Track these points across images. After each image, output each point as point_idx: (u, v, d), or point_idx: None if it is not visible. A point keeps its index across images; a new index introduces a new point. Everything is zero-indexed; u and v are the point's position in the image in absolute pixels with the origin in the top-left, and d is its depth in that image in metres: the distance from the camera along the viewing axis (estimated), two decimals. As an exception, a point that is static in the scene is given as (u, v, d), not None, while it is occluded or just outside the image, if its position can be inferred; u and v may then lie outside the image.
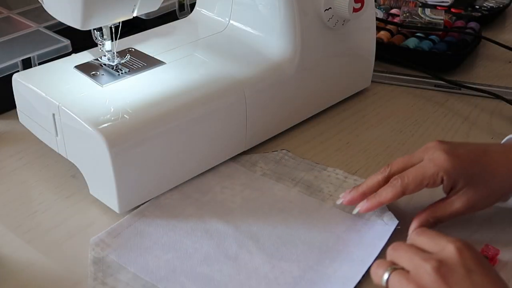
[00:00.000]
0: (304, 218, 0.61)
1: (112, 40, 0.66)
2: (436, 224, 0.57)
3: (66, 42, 0.81)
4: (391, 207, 0.61)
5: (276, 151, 0.71)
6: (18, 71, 0.75)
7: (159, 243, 0.58)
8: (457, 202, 0.56)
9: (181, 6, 0.98)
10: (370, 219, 0.60)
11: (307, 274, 0.54)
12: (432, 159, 0.56)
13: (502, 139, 0.75)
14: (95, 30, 0.65)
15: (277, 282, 0.54)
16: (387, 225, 0.59)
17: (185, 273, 0.55)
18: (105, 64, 0.68)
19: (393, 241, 0.57)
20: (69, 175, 0.67)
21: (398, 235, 0.58)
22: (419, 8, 0.99)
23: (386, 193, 0.57)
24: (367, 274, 0.54)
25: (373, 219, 0.60)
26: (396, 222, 0.59)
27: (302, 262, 0.56)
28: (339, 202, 0.61)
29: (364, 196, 0.59)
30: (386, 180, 0.58)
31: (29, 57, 0.78)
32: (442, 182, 0.56)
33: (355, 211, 0.59)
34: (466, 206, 0.56)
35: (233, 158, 0.69)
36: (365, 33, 0.80)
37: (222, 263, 0.56)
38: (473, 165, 0.56)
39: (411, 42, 0.92)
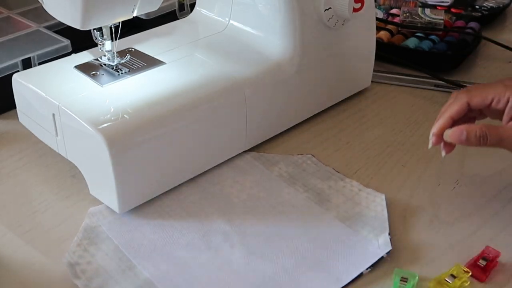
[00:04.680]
0: (300, 224, 0.60)
1: (112, 40, 0.66)
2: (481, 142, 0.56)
3: (66, 42, 0.81)
4: (392, 226, 0.60)
5: (302, 154, 0.70)
6: (18, 71, 0.75)
7: (151, 223, 0.60)
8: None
9: (181, 6, 0.98)
10: (367, 237, 0.58)
11: (279, 276, 0.54)
12: (503, 82, 0.57)
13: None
14: (95, 30, 0.65)
15: (245, 278, 0.53)
16: (379, 249, 0.56)
17: (162, 254, 0.56)
18: (105, 64, 0.68)
19: (378, 267, 0.55)
20: (69, 175, 0.67)
21: (385, 262, 0.56)
22: (419, 8, 0.99)
23: (452, 107, 0.58)
24: None
25: (369, 238, 0.58)
26: (389, 248, 0.56)
27: (278, 264, 0.55)
28: (429, 146, 0.60)
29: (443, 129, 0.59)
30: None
31: (29, 57, 0.78)
32: (507, 103, 0.56)
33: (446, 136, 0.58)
34: None
35: (255, 156, 0.70)
36: (365, 33, 0.80)
37: (201, 251, 0.56)
38: None
39: (411, 42, 0.92)
